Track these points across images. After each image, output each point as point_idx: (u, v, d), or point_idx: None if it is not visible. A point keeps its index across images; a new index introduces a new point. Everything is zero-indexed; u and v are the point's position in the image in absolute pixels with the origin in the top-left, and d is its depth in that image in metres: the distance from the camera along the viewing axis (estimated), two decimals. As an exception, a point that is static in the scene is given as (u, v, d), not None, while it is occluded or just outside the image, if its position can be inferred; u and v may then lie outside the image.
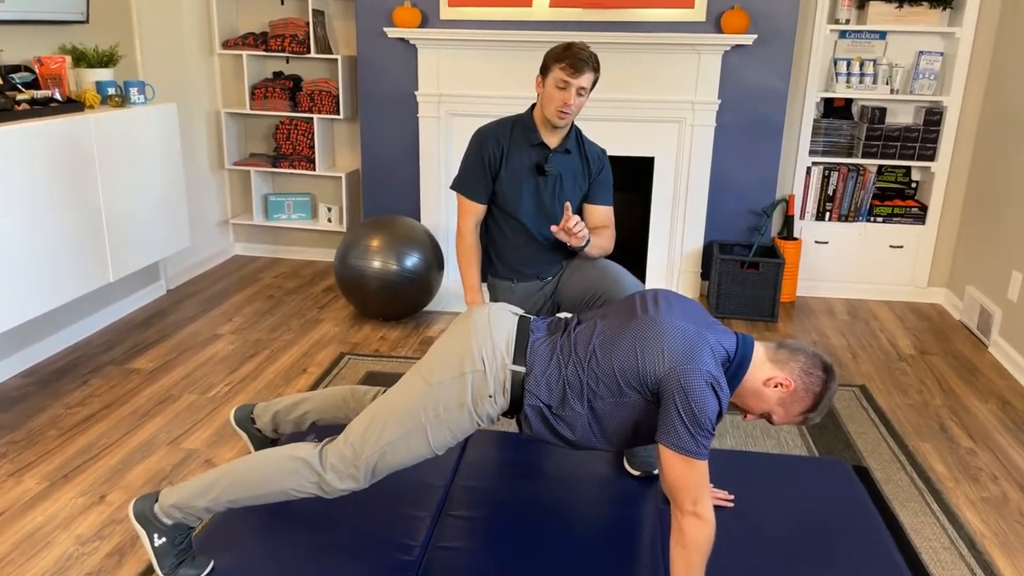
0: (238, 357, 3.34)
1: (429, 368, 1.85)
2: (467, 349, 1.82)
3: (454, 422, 1.83)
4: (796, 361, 1.78)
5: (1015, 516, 2.34)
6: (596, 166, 2.63)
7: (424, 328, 3.69)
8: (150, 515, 1.89)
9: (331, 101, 4.33)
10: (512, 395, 1.82)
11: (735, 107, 3.93)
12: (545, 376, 1.81)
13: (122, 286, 3.76)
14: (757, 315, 3.89)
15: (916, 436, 2.80)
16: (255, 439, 2.34)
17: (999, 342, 3.49)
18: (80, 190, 3.05)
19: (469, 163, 2.58)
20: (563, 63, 2.40)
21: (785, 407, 1.79)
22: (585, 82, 2.41)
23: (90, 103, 3.19)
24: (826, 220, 4.18)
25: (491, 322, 1.86)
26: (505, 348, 1.82)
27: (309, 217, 4.66)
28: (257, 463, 1.89)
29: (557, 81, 2.41)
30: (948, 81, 3.94)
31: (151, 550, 1.88)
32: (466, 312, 1.97)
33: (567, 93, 2.41)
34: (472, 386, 1.81)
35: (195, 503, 1.88)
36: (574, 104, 2.43)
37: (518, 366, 1.81)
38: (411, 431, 1.82)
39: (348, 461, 1.83)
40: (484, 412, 1.83)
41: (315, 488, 1.86)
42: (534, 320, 1.93)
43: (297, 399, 2.27)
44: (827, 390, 1.78)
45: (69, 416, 2.82)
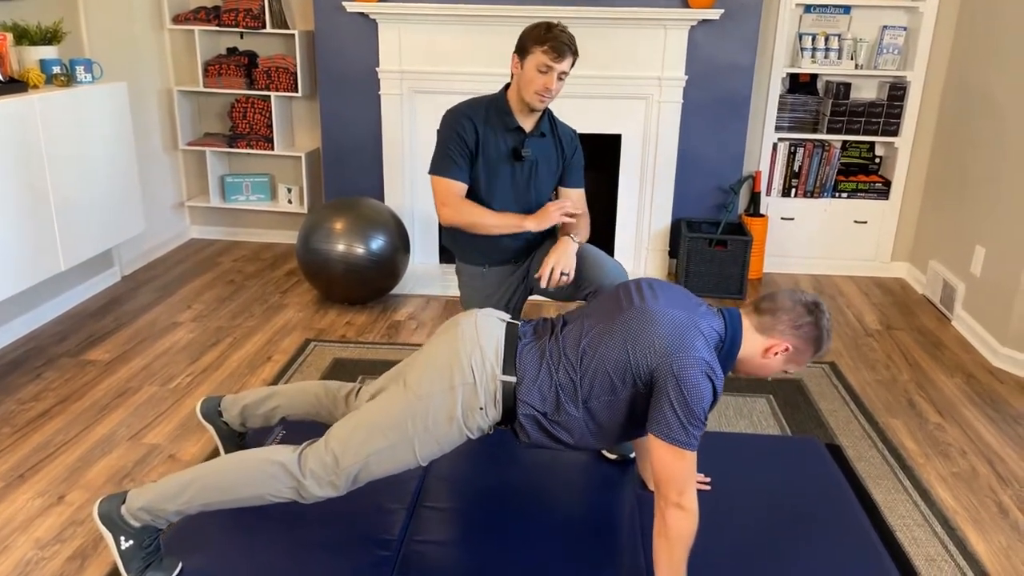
0: (199, 346, 3.24)
1: (416, 379, 1.78)
2: (455, 360, 1.76)
3: (443, 435, 1.77)
4: (781, 321, 1.74)
5: (985, 491, 2.38)
6: (569, 148, 2.57)
7: (391, 312, 3.62)
8: (116, 517, 1.80)
9: (289, 78, 4.20)
10: (504, 405, 1.76)
11: (702, 83, 3.90)
12: (537, 383, 1.76)
13: (74, 274, 3.61)
14: (725, 292, 3.89)
15: (886, 412, 2.82)
16: (222, 432, 2.26)
17: (962, 316, 3.54)
18: (26, 175, 2.90)
19: (446, 143, 2.45)
20: (545, 46, 2.31)
21: (794, 362, 1.79)
22: (567, 66, 2.35)
23: (34, 83, 3.03)
24: (792, 196, 4.19)
25: (479, 331, 1.80)
26: (495, 357, 1.76)
27: (268, 198, 4.53)
28: (232, 466, 1.81)
29: (539, 65, 2.32)
30: (912, 56, 3.96)
31: (117, 554, 1.80)
32: (452, 320, 1.90)
33: (549, 78, 2.33)
34: (462, 399, 1.75)
35: (165, 506, 1.80)
36: (555, 88, 2.36)
37: (508, 376, 1.76)
38: (396, 442, 1.76)
39: (329, 468, 1.77)
40: (475, 425, 1.78)
41: (292, 493, 1.79)
42: (521, 325, 1.87)
43: (267, 392, 2.19)
44: (822, 329, 1.75)
45: (22, 412, 2.70)
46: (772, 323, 1.75)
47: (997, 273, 3.29)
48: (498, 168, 2.45)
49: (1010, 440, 2.65)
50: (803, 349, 1.76)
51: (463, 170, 2.43)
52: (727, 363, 1.77)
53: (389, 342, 3.30)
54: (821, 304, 1.77)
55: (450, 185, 2.43)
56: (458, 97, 3.91)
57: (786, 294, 1.78)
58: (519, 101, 2.42)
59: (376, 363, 3.09)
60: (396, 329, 3.44)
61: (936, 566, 2.04)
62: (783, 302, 1.76)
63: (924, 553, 2.08)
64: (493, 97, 2.48)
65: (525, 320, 1.93)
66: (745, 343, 1.76)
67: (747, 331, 1.77)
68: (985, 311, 3.36)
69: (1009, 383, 3.06)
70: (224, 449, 2.29)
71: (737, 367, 1.81)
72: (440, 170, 2.44)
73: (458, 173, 2.43)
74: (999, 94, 3.41)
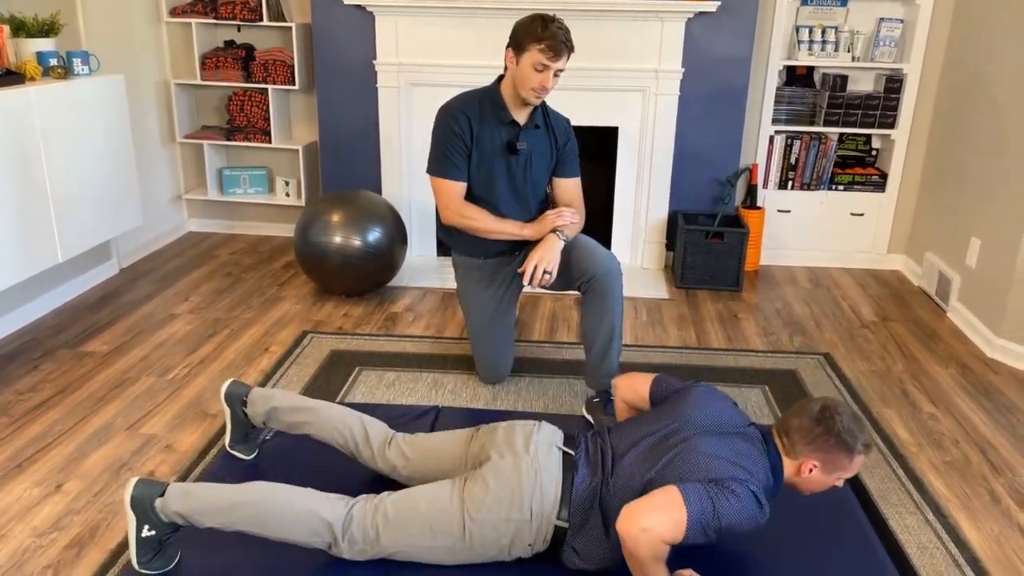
0: (196, 337, 3.25)
1: (475, 501, 1.81)
2: (517, 497, 1.81)
3: (483, 555, 1.85)
4: (796, 443, 1.79)
5: (977, 480, 2.39)
6: (562, 138, 2.57)
7: (388, 304, 3.63)
8: (148, 507, 1.81)
9: (286, 71, 4.20)
10: (552, 543, 1.84)
11: (699, 76, 3.90)
12: (584, 529, 1.82)
13: (72, 266, 3.62)
14: (722, 285, 3.90)
15: (880, 402, 2.83)
16: (237, 419, 2.27)
17: (958, 307, 3.55)
18: (23, 167, 2.91)
19: (442, 142, 2.44)
20: (542, 44, 2.29)
21: (834, 471, 1.80)
22: (563, 64, 2.35)
23: (31, 75, 3.04)
24: (788, 189, 4.20)
25: (540, 470, 1.83)
26: (552, 500, 1.82)
27: (266, 191, 4.54)
28: (283, 504, 1.82)
29: (535, 63, 2.31)
30: (908, 48, 3.96)
31: (136, 539, 1.82)
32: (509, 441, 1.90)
33: (545, 76, 2.32)
34: (515, 532, 1.81)
35: (203, 520, 1.81)
36: (551, 86, 2.36)
37: (562, 521, 1.82)
38: (438, 546, 1.83)
39: (369, 539, 1.82)
40: (516, 553, 1.85)
41: (323, 547, 1.83)
42: (576, 455, 1.89)
43: (302, 404, 2.18)
44: (839, 432, 1.75)
45: (20, 403, 2.71)
46: (791, 445, 1.81)
47: (992, 265, 3.30)
48: (493, 162, 2.45)
49: (1003, 429, 2.67)
50: (831, 459, 1.78)
51: (462, 170, 2.43)
52: (774, 492, 1.82)
53: (386, 334, 3.31)
54: (830, 407, 1.78)
55: (450, 187, 2.44)
56: (456, 90, 3.90)
57: (795, 412, 1.82)
58: (513, 95, 2.41)
59: (373, 354, 3.10)
60: (393, 321, 3.45)
61: (928, 553, 2.05)
62: (792, 423, 1.81)
63: (916, 540, 2.10)
64: (486, 90, 2.48)
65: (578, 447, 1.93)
66: (786, 470, 1.82)
67: (782, 456, 1.82)
68: (980, 302, 3.37)
69: (1003, 374, 3.07)
70: (231, 434, 2.30)
71: (795, 488, 1.86)
72: (439, 171, 2.43)
73: (457, 174, 2.44)
74: (995, 86, 3.42)
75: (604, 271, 2.46)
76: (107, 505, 2.19)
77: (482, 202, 2.49)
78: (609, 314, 2.49)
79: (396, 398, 2.79)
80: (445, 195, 2.44)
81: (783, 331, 3.43)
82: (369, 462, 2.13)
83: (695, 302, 3.75)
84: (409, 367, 3.01)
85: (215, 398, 2.77)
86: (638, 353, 3.15)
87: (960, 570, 2.00)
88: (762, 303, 3.75)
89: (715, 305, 3.72)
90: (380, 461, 2.11)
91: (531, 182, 2.51)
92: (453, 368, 3.01)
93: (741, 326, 3.48)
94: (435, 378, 2.93)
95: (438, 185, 2.45)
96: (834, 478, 1.81)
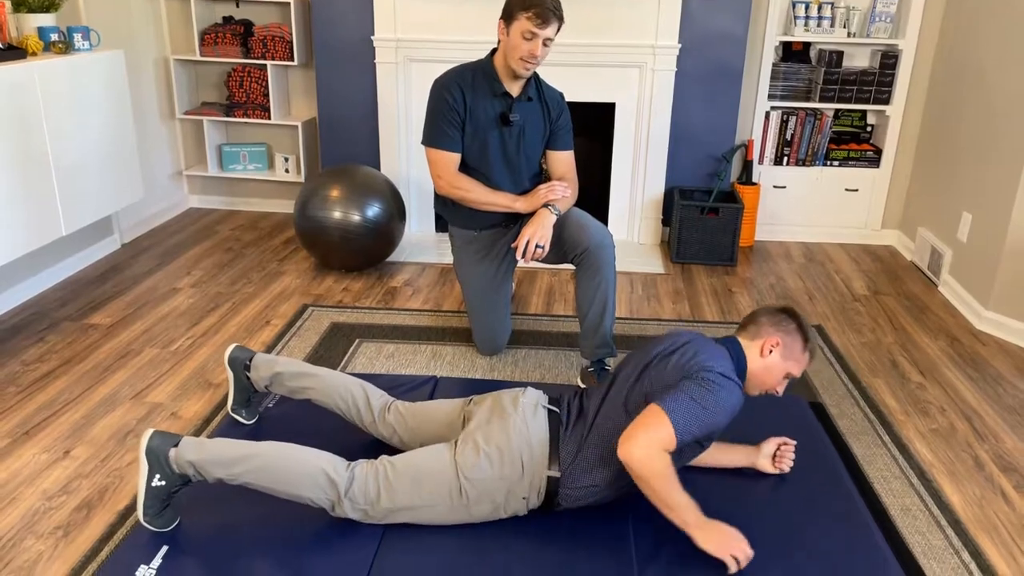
0: (199, 311, 3.30)
1: (468, 462, 1.88)
2: (507, 453, 1.88)
3: (480, 512, 1.92)
4: (763, 325, 1.99)
5: (962, 446, 2.45)
6: (556, 111, 2.60)
7: (387, 279, 3.68)
8: (162, 457, 1.87)
9: (284, 47, 4.22)
10: (546, 495, 1.92)
11: (695, 52, 3.93)
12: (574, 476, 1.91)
13: (75, 241, 3.67)
14: (717, 260, 3.95)
15: (869, 372, 2.89)
16: (239, 383, 2.32)
17: (949, 281, 3.60)
18: (26, 141, 2.94)
19: (436, 113, 2.49)
20: (530, 12, 2.33)
21: (790, 357, 1.96)
22: (551, 32, 2.37)
23: (32, 50, 3.06)
24: (784, 165, 4.23)
25: (528, 426, 1.92)
26: (541, 453, 1.90)
27: (265, 167, 4.57)
28: (290, 458, 1.88)
29: (523, 31, 2.35)
30: (903, 24, 3.98)
31: (145, 488, 1.87)
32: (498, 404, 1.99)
33: (534, 44, 2.36)
34: (508, 488, 1.89)
35: (213, 470, 1.86)
36: (540, 55, 2.39)
37: (553, 471, 1.90)
38: (434, 505, 1.89)
39: (369, 499, 1.88)
40: (511, 509, 1.93)
41: (328, 505, 1.89)
42: (561, 411, 1.99)
43: (306, 370, 2.24)
44: (801, 321, 1.99)
45: (27, 373, 2.77)
46: (756, 329, 1.99)
47: (982, 239, 3.35)
48: (487, 134, 2.49)
49: (988, 398, 2.73)
50: (792, 342, 1.96)
51: (455, 140, 2.47)
52: (742, 378, 1.96)
53: (386, 307, 3.36)
54: (791, 308, 2.03)
55: (444, 156, 2.48)
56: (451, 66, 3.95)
57: (761, 310, 2.03)
58: (505, 67, 2.45)
59: (372, 327, 3.16)
60: (392, 295, 3.50)
61: (911, 515, 2.12)
62: (758, 314, 2.02)
63: (900, 503, 2.16)
64: (480, 63, 2.52)
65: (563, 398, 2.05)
66: (747, 355, 1.96)
67: (744, 346, 1.98)
68: (970, 276, 3.42)
69: (991, 345, 3.13)
70: (234, 397, 2.35)
71: (749, 383, 1.98)
72: (433, 141, 2.48)
73: (451, 144, 2.47)
74: (988, 62, 3.45)
75: (597, 243, 2.50)
76: (115, 470, 2.25)
77: (476, 173, 2.53)
78: (603, 285, 2.54)
79: (395, 369, 2.84)
80: (438, 165, 2.48)
81: (776, 304, 3.47)
82: (369, 427, 2.19)
83: (690, 276, 3.80)
84: (408, 339, 3.07)
85: (218, 368, 2.82)
86: (634, 326, 3.20)
87: (942, 531, 2.06)
88: (756, 278, 3.80)
89: (710, 280, 3.77)
90: (380, 426, 2.17)
91: (524, 154, 2.55)
92: (451, 340, 3.07)
93: (735, 300, 3.53)
94: (433, 350, 2.99)
95: (432, 155, 2.49)
96: (787, 366, 1.95)
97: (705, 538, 1.80)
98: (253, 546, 1.89)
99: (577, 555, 1.89)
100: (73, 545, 1.96)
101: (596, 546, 1.92)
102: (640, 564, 1.86)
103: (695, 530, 1.81)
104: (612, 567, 1.85)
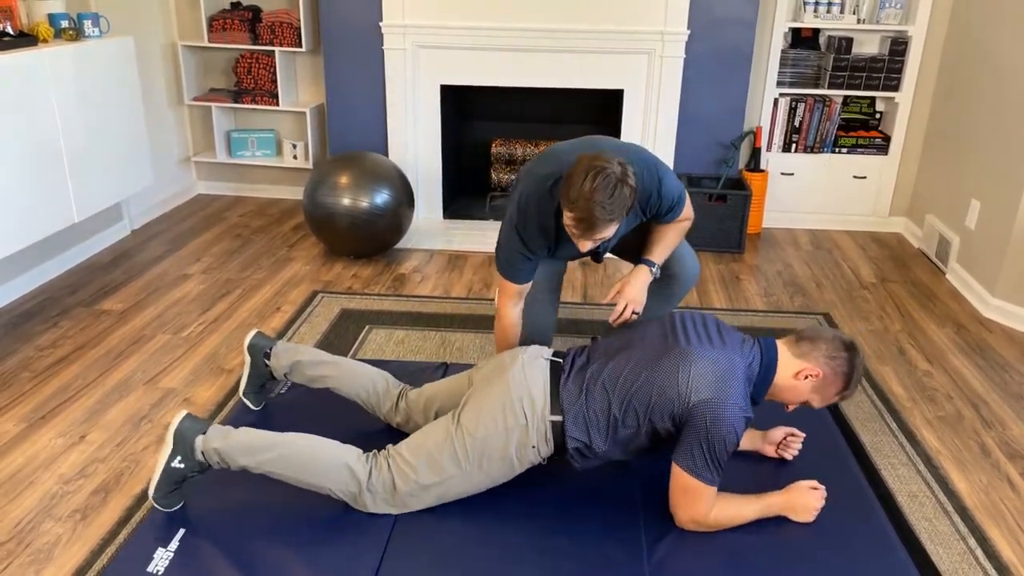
0: (209, 297, 3.32)
1: (471, 421, 1.90)
2: (508, 404, 1.89)
3: (496, 470, 1.92)
4: (818, 349, 1.89)
5: (968, 433, 2.47)
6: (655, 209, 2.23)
7: (396, 265, 3.70)
8: (189, 440, 1.89)
9: (292, 33, 4.22)
10: (556, 442, 1.91)
11: (704, 38, 3.91)
12: (578, 415, 1.89)
13: (85, 227, 3.69)
14: (724, 247, 3.95)
15: (876, 360, 2.91)
16: (257, 370, 2.34)
17: (956, 269, 3.60)
18: (38, 127, 2.96)
19: (510, 257, 2.20)
20: (572, 214, 1.92)
21: (820, 393, 1.92)
22: (605, 234, 1.96)
23: (44, 37, 3.07)
24: (792, 152, 4.23)
25: (527, 375, 1.93)
26: (543, 400, 1.90)
27: (274, 154, 4.58)
28: (315, 449, 1.91)
29: (570, 228, 1.98)
30: (914, 10, 3.96)
31: (164, 467, 1.90)
32: (499, 361, 2.01)
33: (583, 244, 2.01)
34: (516, 439, 1.89)
35: (239, 458, 1.89)
36: (599, 243, 2.05)
37: (555, 415, 1.89)
38: (450, 477, 1.91)
39: (388, 488, 1.91)
40: (527, 460, 1.93)
41: (349, 497, 1.92)
42: (564, 360, 2.00)
43: (326, 359, 2.27)
44: (854, 368, 1.90)
45: (41, 358, 2.80)
46: (809, 349, 1.90)
47: (990, 226, 3.35)
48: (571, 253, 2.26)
49: (995, 386, 2.74)
50: (831, 381, 1.90)
51: (528, 274, 2.23)
52: (761, 390, 1.91)
53: (395, 294, 3.38)
54: (858, 347, 1.92)
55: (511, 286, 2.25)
56: (461, 53, 3.95)
57: (828, 330, 1.94)
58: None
59: (382, 313, 3.18)
60: (401, 282, 3.52)
61: (918, 501, 2.14)
62: (824, 334, 1.92)
63: (907, 490, 2.18)
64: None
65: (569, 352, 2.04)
66: (780, 367, 1.91)
67: (782, 356, 1.92)
68: (978, 263, 3.42)
69: (998, 333, 3.14)
70: (248, 382, 2.37)
71: (769, 391, 1.94)
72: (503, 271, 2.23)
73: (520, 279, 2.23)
74: (999, 49, 3.43)
75: (688, 276, 2.43)
76: (130, 455, 2.28)
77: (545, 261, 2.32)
78: (667, 308, 2.50)
79: (405, 355, 2.86)
80: (500, 286, 2.28)
81: (783, 292, 3.49)
82: (387, 416, 2.22)
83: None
84: (418, 326, 3.09)
85: (230, 354, 2.85)
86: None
87: (948, 517, 2.08)
88: (763, 264, 3.81)
89: (717, 266, 3.77)
90: (397, 415, 2.21)
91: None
92: (460, 327, 3.09)
93: (742, 287, 3.54)
94: (443, 336, 3.01)
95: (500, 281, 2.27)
96: (812, 396, 1.93)
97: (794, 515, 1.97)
98: (269, 529, 1.92)
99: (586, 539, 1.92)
100: (91, 528, 1.99)
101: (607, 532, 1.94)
102: (649, 547, 1.88)
103: (779, 513, 1.97)
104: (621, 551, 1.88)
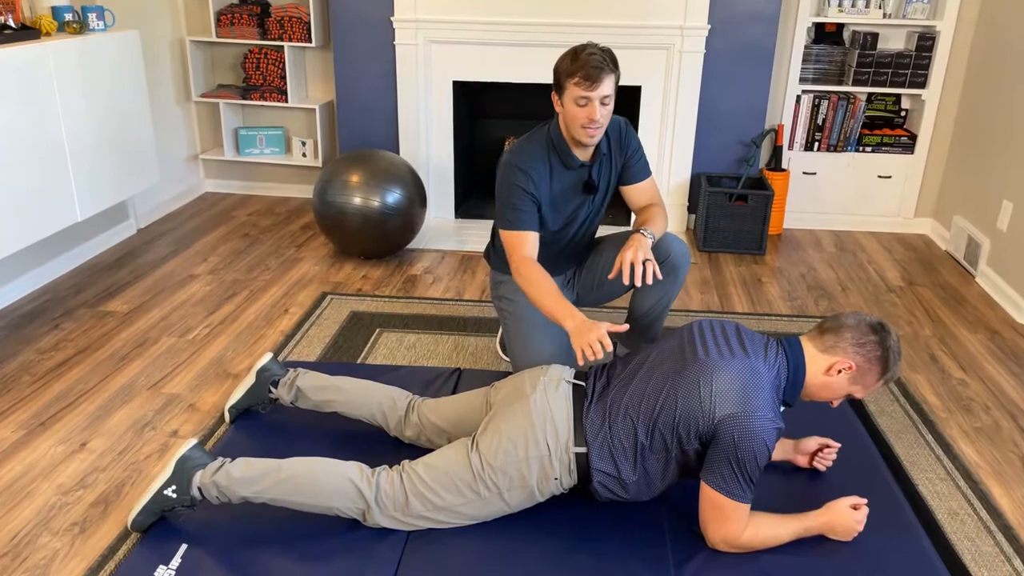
0: (216, 298, 3.23)
1: (490, 448, 1.81)
2: (531, 433, 1.80)
3: (515, 499, 1.83)
4: (844, 339, 1.78)
5: (1008, 446, 2.35)
6: (625, 145, 2.37)
7: (407, 266, 3.60)
8: (187, 473, 1.82)
9: (302, 28, 4.12)
10: (579, 473, 1.82)
11: (724, 33, 3.80)
12: (603, 446, 1.80)
13: (90, 226, 3.60)
14: (745, 248, 3.84)
15: (908, 367, 2.79)
16: (256, 395, 2.27)
17: (987, 272, 3.48)
18: (42, 124, 2.87)
19: (509, 197, 2.25)
20: (576, 77, 2.10)
21: (860, 383, 1.81)
22: (607, 89, 2.12)
23: (47, 30, 2.99)
24: (815, 151, 4.11)
25: (550, 402, 1.84)
26: (567, 431, 1.81)
27: (282, 152, 4.49)
28: (316, 470, 1.83)
29: (576, 99, 2.12)
30: (941, 5, 3.83)
31: (154, 493, 1.83)
32: (518, 385, 1.91)
33: (590, 108, 2.13)
34: (538, 470, 1.80)
35: (238, 490, 1.82)
36: (600, 116, 2.15)
37: (579, 447, 1.80)
38: (467, 503, 1.82)
39: (398, 506, 1.82)
40: (548, 491, 1.84)
41: (359, 515, 1.83)
42: (587, 383, 1.90)
43: (330, 383, 2.20)
44: (888, 349, 1.78)
45: (42, 362, 2.71)
46: (835, 341, 1.79)
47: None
48: (570, 204, 2.34)
49: (1034, 396, 2.62)
50: (867, 369, 1.78)
51: (531, 217, 2.25)
52: (793, 394, 1.81)
53: (406, 296, 3.28)
54: (887, 325, 1.79)
55: (518, 237, 2.24)
56: (474, 48, 3.85)
57: (850, 314, 1.82)
58: (571, 137, 2.25)
59: (393, 316, 3.08)
60: (412, 283, 3.42)
61: (959, 520, 2.02)
62: (846, 321, 1.80)
63: (947, 507, 2.07)
64: (548, 135, 2.28)
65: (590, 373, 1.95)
66: (809, 366, 1.80)
67: (810, 353, 1.81)
68: (1011, 267, 3.30)
69: (1034, 339, 3.02)
70: (239, 401, 2.30)
71: (802, 393, 1.84)
72: (507, 224, 2.25)
73: (526, 223, 2.24)
74: (1033, 43, 3.31)
75: (679, 252, 2.39)
76: (132, 463, 2.19)
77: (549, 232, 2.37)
78: (668, 293, 2.44)
79: (417, 360, 2.77)
80: (511, 245, 2.25)
81: (808, 295, 3.38)
82: (395, 432, 2.14)
83: (718, 265, 3.70)
84: (430, 329, 2.99)
85: (236, 358, 2.76)
86: (661, 316, 3.11)
87: (992, 536, 1.97)
88: (786, 267, 3.69)
89: (738, 269, 3.66)
90: (407, 429, 2.11)
91: (601, 207, 2.44)
92: (473, 330, 2.99)
93: (765, 290, 3.43)
94: (456, 340, 2.91)
95: (503, 236, 2.28)
96: (852, 389, 1.81)
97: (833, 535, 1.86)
98: (275, 545, 1.83)
99: (609, 558, 1.82)
100: (89, 543, 1.90)
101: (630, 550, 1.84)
102: (677, 567, 1.78)
103: (817, 533, 1.86)
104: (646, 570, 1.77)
